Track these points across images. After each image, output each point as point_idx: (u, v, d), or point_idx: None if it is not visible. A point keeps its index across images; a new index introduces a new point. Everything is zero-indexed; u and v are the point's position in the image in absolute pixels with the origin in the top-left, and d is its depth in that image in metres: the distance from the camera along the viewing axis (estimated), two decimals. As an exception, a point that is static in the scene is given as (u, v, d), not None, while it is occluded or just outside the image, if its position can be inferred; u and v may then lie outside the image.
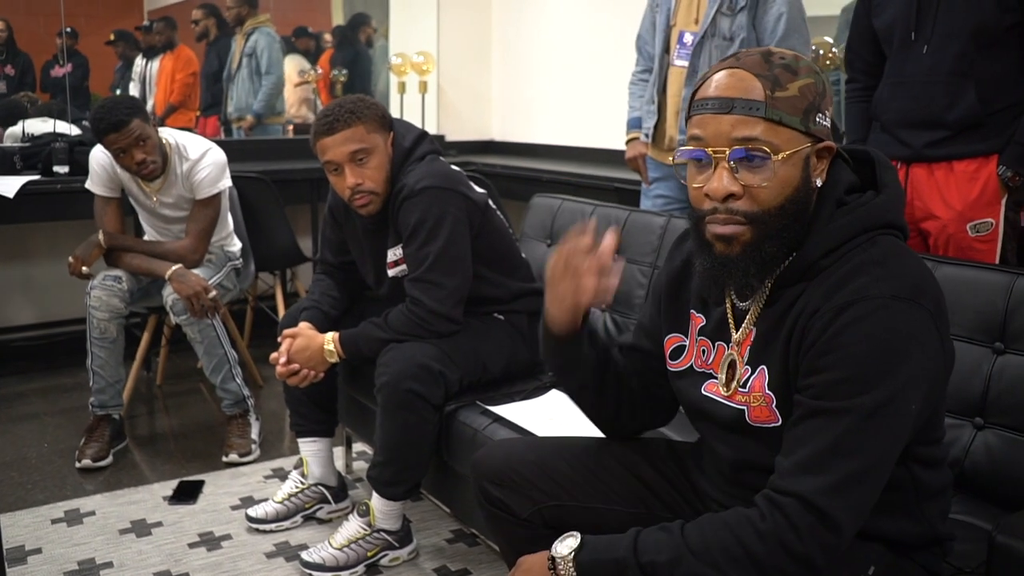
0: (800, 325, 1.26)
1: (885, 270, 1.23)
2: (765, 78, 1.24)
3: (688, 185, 1.31)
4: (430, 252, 2.22)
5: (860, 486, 1.18)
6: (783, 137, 1.24)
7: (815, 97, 1.27)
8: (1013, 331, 1.73)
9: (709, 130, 1.26)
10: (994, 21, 2.21)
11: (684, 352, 1.48)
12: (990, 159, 2.28)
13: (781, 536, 1.17)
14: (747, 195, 1.25)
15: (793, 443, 1.22)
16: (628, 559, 1.24)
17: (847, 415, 1.18)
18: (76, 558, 2.38)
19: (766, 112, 1.23)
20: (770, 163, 1.23)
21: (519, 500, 1.55)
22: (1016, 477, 1.68)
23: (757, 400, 1.32)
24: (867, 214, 1.29)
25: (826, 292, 1.24)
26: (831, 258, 1.27)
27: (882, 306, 1.19)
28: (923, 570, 1.38)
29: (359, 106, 2.24)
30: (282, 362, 2.33)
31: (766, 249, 1.26)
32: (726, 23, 2.81)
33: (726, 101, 1.25)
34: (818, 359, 1.22)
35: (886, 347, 1.18)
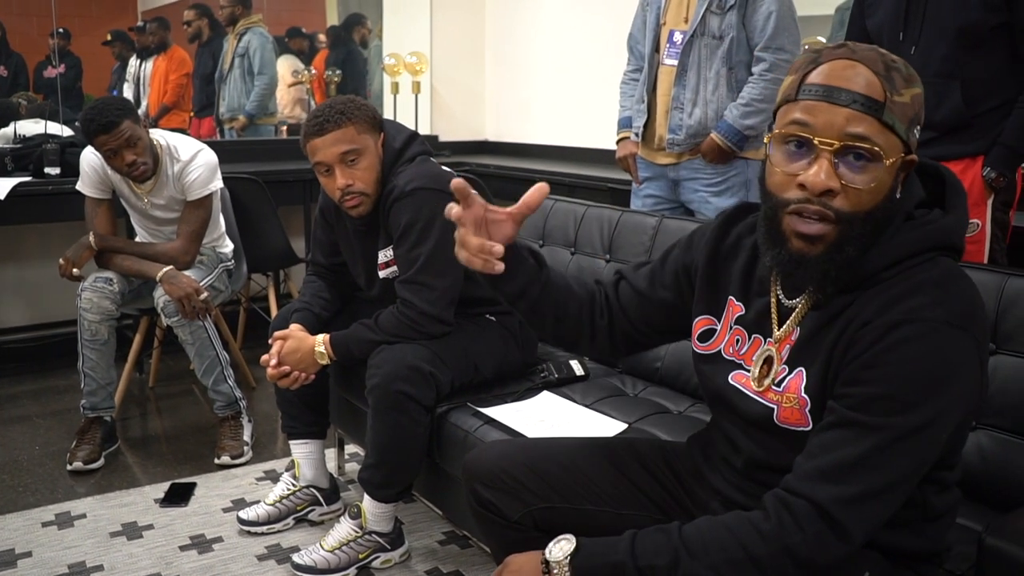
0: (848, 334, 1.23)
1: (943, 293, 1.20)
2: (883, 77, 1.20)
3: (774, 168, 1.25)
4: (421, 253, 2.21)
5: (877, 503, 1.17)
6: (890, 143, 1.20)
7: (920, 109, 1.24)
8: (1005, 332, 1.72)
9: (820, 118, 1.19)
10: (980, 21, 2.22)
11: (714, 336, 1.45)
12: (976, 160, 2.29)
13: (786, 538, 1.16)
14: (843, 194, 1.20)
15: (817, 448, 1.20)
16: (626, 563, 1.23)
17: (880, 432, 1.16)
18: (66, 561, 2.37)
19: (883, 114, 1.19)
20: (876, 166, 1.19)
21: (510, 502, 1.54)
22: (1009, 479, 1.67)
23: (790, 401, 1.30)
24: (934, 233, 1.26)
25: (881, 306, 1.21)
26: (892, 271, 1.24)
27: (935, 330, 1.17)
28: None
29: (349, 107, 2.23)
30: (273, 364, 2.32)
31: (846, 252, 1.22)
32: (715, 21, 2.81)
33: (846, 92, 1.19)
34: (861, 371, 1.19)
35: (932, 372, 1.16)
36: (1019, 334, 1.70)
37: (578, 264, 2.70)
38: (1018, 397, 1.68)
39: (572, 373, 2.39)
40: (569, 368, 2.41)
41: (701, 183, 2.90)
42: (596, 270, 2.63)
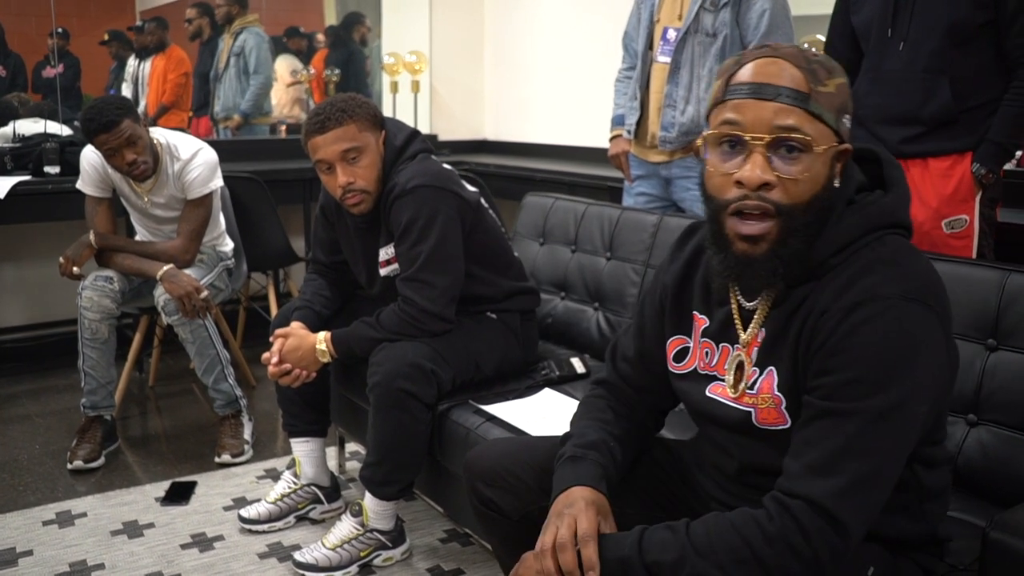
0: (809, 325, 1.24)
1: (895, 270, 1.21)
2: (806, 70, 1.22)
3: (712, 172, 1.27)
4: (422, 251, 2.21)
5: (869, 489, 1.17)
6: (819, 132, 1.22)
7: (846, 98, 1.26)
8: (1006, 328, 1.72)
9: (748, 116, 1.22)
10: (969, 18, 2.23)
11: (688, 355, 1.45)
12: (964, 156, 2.30)
13: (789, 539, 1.16)
14: (780, 186, 1.22)
15: (802, 445, 1.21)
16: (633, 558, 1.23)
17: (857, 417, 1.17)
18: (67, 560, 2.37)
19: (809, 104, 1.21)
20: (807, 156, 1.21)
21: (511, 500, 1.53)
22: (1010, 474, 1.67)
23: (765, 402, 1.31)
24: (876, 212, 1.27)
25: (836, 292, 1.22)
26: (840, 257, 1.25)
27: (892, 307, 1.18)
28: (920, 569, 1.37)
29: (350, 105, 2.23)
30: (274, 362, 2.32)
31: (791, 245, 1.23)
32: (709, 19, 2.81)
33: (770, 87, 1.22)
34: (828, 359, 1.20)
35: (897, 349, 1.17)
36: (1020, 330, 1.70)
37: (578, 262, 2.70)
38: (1019, 393, 1.69)
39: (573, 371, 2.40)
40: (570, 366, 2.41)
41: (693, 181, 2.90)
42: (596, 269, 2.63)
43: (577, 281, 2.69)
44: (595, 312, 2.61)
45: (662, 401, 1.55)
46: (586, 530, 1.27)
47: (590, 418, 1.52)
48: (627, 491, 1.53)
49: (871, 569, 1.28)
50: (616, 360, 1.59)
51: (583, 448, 1.42)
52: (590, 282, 2.64)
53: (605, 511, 1.34)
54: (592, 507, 1.32)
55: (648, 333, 1.53)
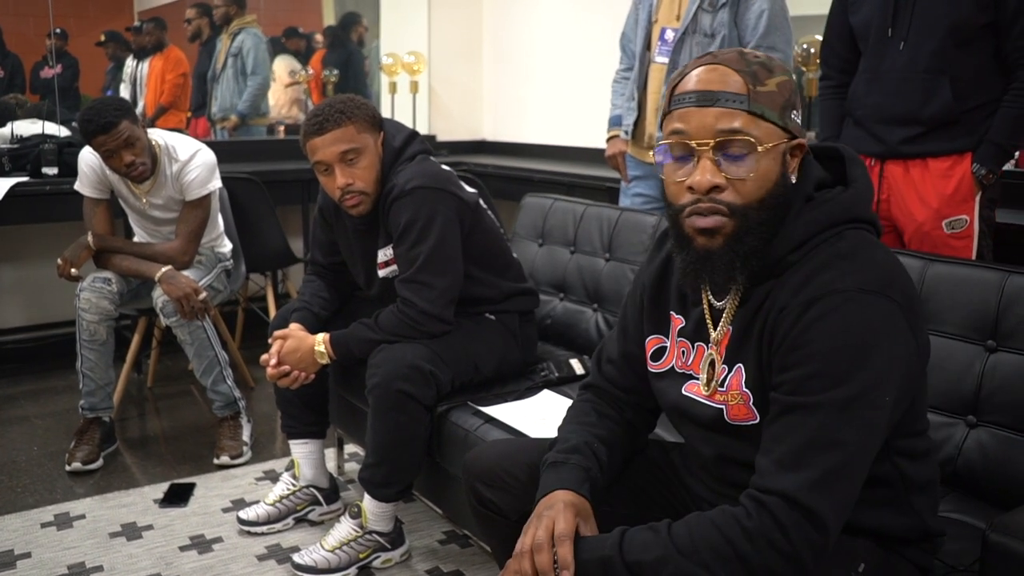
0: (770, 322, 1.26)
1: (852, 263, 1.23)
2: (745, 73, 1.26)
3: (667, 180, 1.31)
4: (420, 252, 2.21)
5: (841, 480, 1.18)
6: (764, 131, 1.25)
7: (791, 94, 1.29)
8: (1005, 329, 1.72)
9: (692, 123, 1.26)
10: (970, 19, 2.24)
11: (666, 354, 1.47)
12: (964, 156, 2.31)
13: (768, 535, 1.16)
14: (730, 187, 1.25)
15: (771, 441, 1.22)
16: (614, 557, 1.23)
17: (821, 409, 1.18)
18: (66, 562, 2.37)
19: (749, 105, 1.24)
20: (753, 155, 1.24)
21: (510, 501, 1.54)
22: (1009, 475, 1.67)
23: (735, 398, 1.33)
24: (834, 209, 1.30)
25: (794, 288, 1.25)
26: (798, 254, 1.27)
27: (849, 299, 1.20)
28: (913, 566, 1.38)
29: (349, 106, 2.23)
30: (272, 364, 2.32)
31: (747, 242, 1.26)
32: (707, 19, 2.81)
33: (710, 94, 1.25)
34: (788, 355, 1.22)
35: (855, 340, 1.19)
36: (1019, 332, 1.70)
37: (577, 263, 2.70)
38: (1019, 394, 1.69)
39: (572, 372, 2.40)
40: (569, 367, 2.41)
41: None
42: (595, 270, 2.63)
43: (576, 282, 2.69)
44: (594, 313, 2.61)
45: (649, 400, 1.55)
46: (562, 530, 1.28)
47: (575, 422, 1.53)
48: (620, 491, 1.54)
49: (862, 566, 1.29)
50: (601, 363, 1.60)
51: (565, 453, 1.44)
52: (589, 283, 2.64)
53: (586, 513, 1.35)
54: (571, 509, 1.33)
55: (631, 334, 1.55)
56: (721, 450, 1.39)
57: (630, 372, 1.56)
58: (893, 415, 1.25)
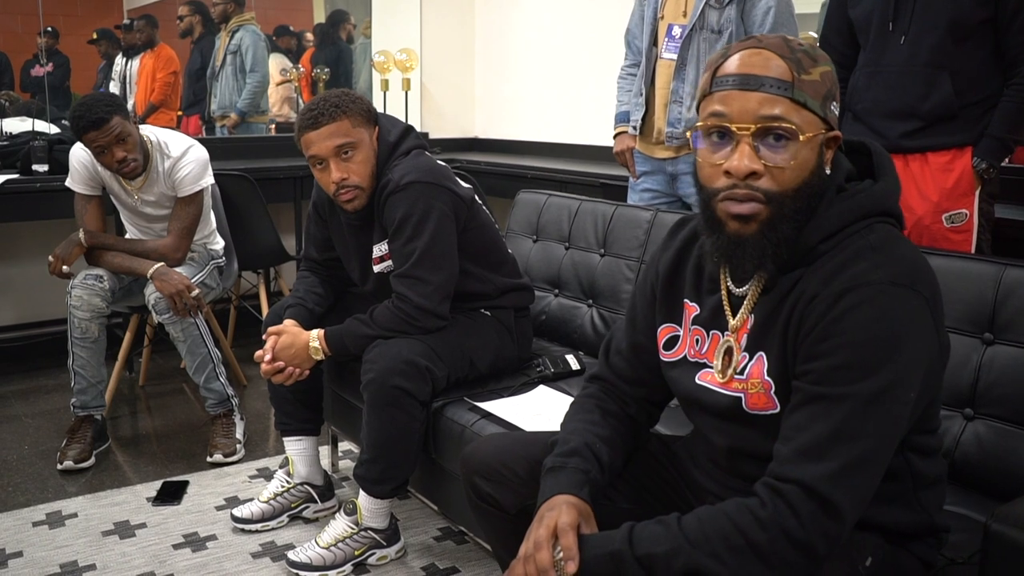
0: (799, 311, 1.25)
1: (883, 256, 1.22)
2: (790, 60, 1.24)
3: (702, 162, 1.29)
4: (416, 248, 2.20)
5: (861, 472, 1.17)
6: (805, 119, 1.24)
7: (832, 85, 1.28)
8: (1002, 322, 1.73)
9: (734, 107, 1.24)
10: (970, 14, 2.25)
11: (678, 342, 1.46)
12: (964, 151, 2.32)
13: (783, 523, 1.15)
14: (768, 174, 1.24)
15: (792, 430, 1.21)
16: (624, 552, 1.22)
17: (847, 401, 1.17)
18: (58, 561, 2.35)
19: (793, 92, 1.22)
20: (794, 143, 1.23)
21: (508, 495, 1.53)
22: (1006, 467, 1.68)
23: (755, 387, 1.31)
24: (866, 200, 1.29)
25: (824, 278, 1.23)
26: (829, 243, 1.26)
27: (881, 292, 1.19)
28: (919, 561, 1.37)
29: (344, 100, 2.22)
30: (267, 360, 2.30)
31: (781, 230, 1.25)
32: (714, 16, 2.81)
33: (754, 78, 1.23)
34: (817, 345, 1.21)
35: (886, 333, 1.18)
36: (1016, 324, 1.71)
37: (572, 259, 2.69)
38: (1016, 387, 1.69)
39: (568, 367, 2.39)
40: (565, 362, 2.40)
41: None
42: (590, 265, 2.62)
43: (571, 278, 2.68)
44: (589, 309, 2.61)
45: (655, 393, 1.54)
46: (565, 522, 1.28)
47: (577, 420, 1.52)
48: (622, 486, 1.53)
49: (869, 559, 1.28)
50: (610, 355, 1.59)
51: (564, 457, 1.43)
52: (584, 279, 2.64)
53: (586, 515, 1.34)
54: (573, 508, 1.32)
55: (640, 324, 1.53)
56: (734, 441, 1.37)
57: (638, 363, 1.55)
58: (915, 411, 1.24)
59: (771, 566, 1.16)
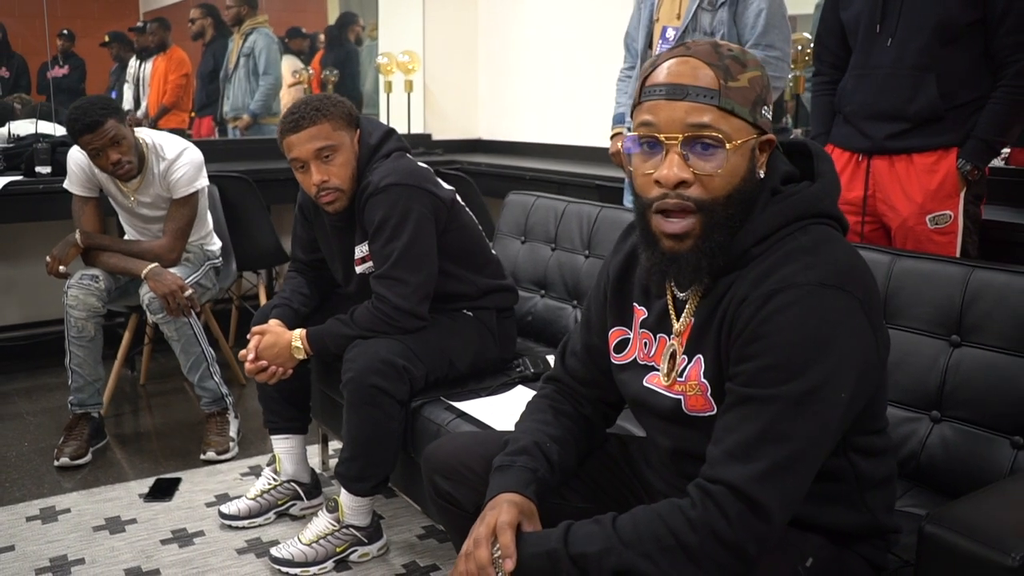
0: (730, 313, 1.26)
1: (814, 258, 1.23)
2: (717, 67, 1.24)
3: (635, 172, 1.30)
4: (395, 249, 2.22)
5: (789, 473, 1.18)
6: (734, 126, 1.24)
7: (762, 90, 1.28)
8: (969, 324, 1.73)
9: (662, 116, 1.24)
10: (957, 16, 2.24)
11: (628, 345, 1.48)
12: (949, 152, 2.31)
13: (712, 524, 1.16)
14: (698, 182, 1.24)
15: (723, 431, 1.22)
16: (559, 550, 1.24)
17: (774, 402, 1.18)
18: (48, 555, 2.40)
19: (720, 101, 1.23)
20: (722, 151, 1.23)
21: (466, 493, 1.55)
22: (971, 470, 1.68)
23: (693, 389, 1.33)
24: (798, 203, 1.29)
25: (755, 280, 1.24)
26: (762, 246, 1.27)
27: (809, 293, 1.19)
28: (866, 562, 1.38)
29: (325, 104, 2.25)
30: (250, 359, 2.34)
31: (714, 239, 1.26)
32: (707, 18, 2.82)
33: (681, 88, 1.24)
34: (746, 347, 1.22)
35: (813, 334, 1.18)
36: (983, 327, 1.71)
37: (558, 260, 2.71)
38: (981, 390, 1.69)
39: (549, 367, 2.40)
40: (546, 363, 2.42)
41: None
42: (575, 266, 2.64)
43: (556, 279, 2.70)
44: (574, 310, 2.62)
45: (609, 394, 1.56)
46: (503, 520, 1.30)
47: (529, 420, 1.54)
48: (578, 485, 1.55)
49: (810, 560, 1.29)
50: (565, 356, 1.61)
51: (513, 456, 1.45)
52: (569, 280, 2.65)
53: (530, 512, 1.36)
54: (514, 507, 1.34)
55: (594, 327, 1.55)
56: (678, 442, 1.39)
57: (592, 365, 1.56)
58: (850, 411, 1.24)
59: (702, 567, 1.17)
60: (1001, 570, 1.08)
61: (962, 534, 1.14)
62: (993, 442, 1.67)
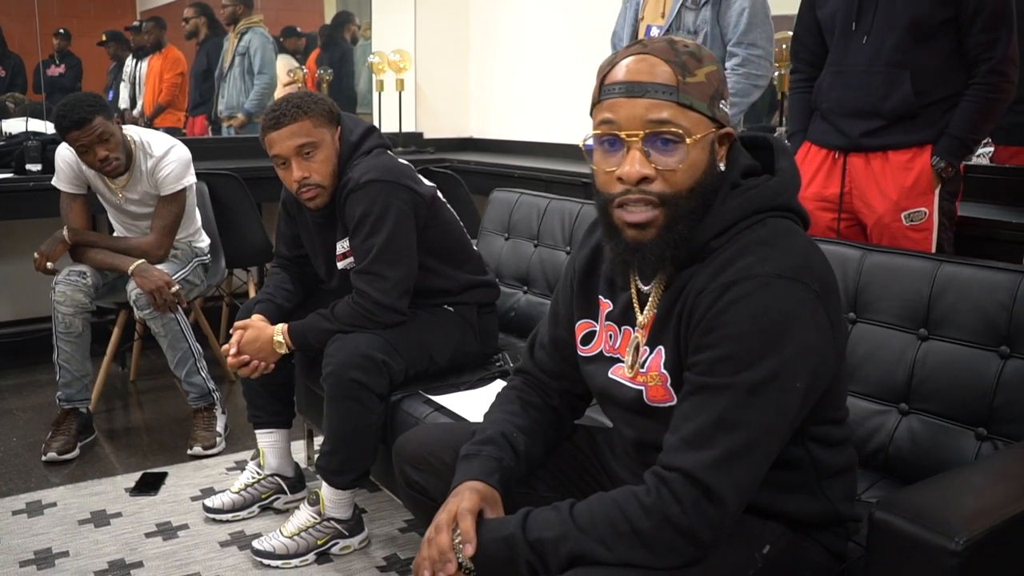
0: (689, 304, 1.28)
1: (771, 250, 1.25)
2: (674, 63, 1.26)
3: (597, 169, 1.32)
4: (374, 244, 2.25)
5: (744, 461, 1.20)
6: (693, 121, 1.26)
7: (719, 84, 1.30)
8: (937, 318, 1.75)
9: (622, 114, 1.26)
10: (930, 15, 2.26)
11: (594, 338, 1.50)
12: (924, 149, 2.33)
13: (666, 510, 1.19)
14: (660, 177, 1.26)
15: (680, 420, 1.25)
16: (517, 536, 1.26)
17: (729, 391, 1.20)
18: (32, 548, 2.42)
19: (679, 96, 1.25)
20: (683, 146, 1.25)
21: (436, 483, 1.57)
22: (938, 461, 1.70)
23: (654, 380, 1.35)
24: (757, 196, 1.31)
25: (713, 272, 1.26)
26: (722, 239, 1.29)
27: (765, 284, 1.21)
28: (825, 550, 1.40)
29: (306, 101, 2.27)
30: (232, 353, 2.36)
31: (677, 231, 1.28)
32: (690, 17, 2.85)
33: (639, 85, 1.26)
34: (704, 337, 1.24)
35: (768, 325, 1.20)
36: (949, 321, 1.73)
37: (540, 256, 2.73)
38: (946, 382, 1.72)
39: (528, 363, 2.42)
40: (526, 358, 2.43)
41: None
42: (557, 263, 2.66)
43: (539, 275, 2.73)
44: (555, 306, 2.64)
45: (577, 385, 1.58)
46: (464, 507, 1.33)
47: (498, 411, 1.57)
48: (545, 475, 1.57)
49: (767, 547, 1.31)
50: (534, 349, 1.64)
51: (479, 445, 1.47)
52: (551, 276, 2.68)
53: (492, 500, 1.39)
54: (476, 493, 1.36)
55: (561, 320, 1.57)
56: (641, 433, 1.41)
57: (559, 358, 1.59)
58: (807, 401, 1.26)
59: (655, 552, 1.19)
60: (945, 553, 1.11)
61: (909, 519, 1.16)
62: (958, 433, 1.69)
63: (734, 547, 1.28)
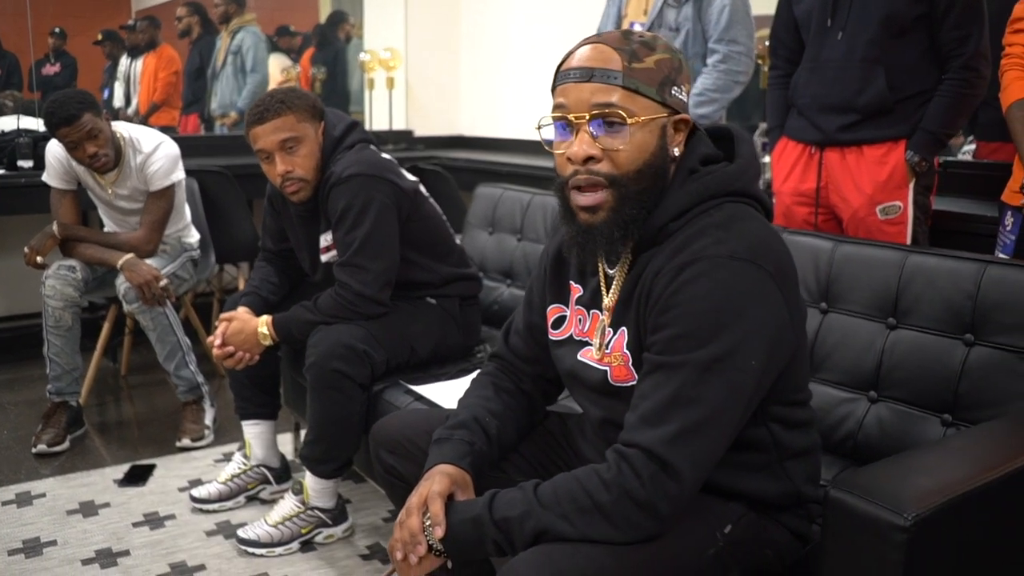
0: (647, 286, 1.33)
1: (726, 232, 1.29)
2: (623, 51, 1.32)
3: (555, 153, 1.38)
4: (356, 237, 2.28)
5: (699, 436, 1.24)
6: (639, 105, 1.31)
7: (671, 71, 1.34)
8: (904, 307, 1.78)
9: (571, 98, 1.33)
10: (904, 10, 2.29)
11: (565, 322, 1.54)
12: (898, 144, 2.36)
13: (626, 484, 1.22)
14: (606, 158, 1.32)
15: (639, 398, 1.29)
16: (483, 516, 1.30)
17: (684, 368, 1.24)
18: (21, 537, 2.45)
19: (623, 80, 1.30)
20: (626, 128, 1.30)
21: (411, 468, 1.61)
22: (905, 447, 1.72)
23: (617, 360, 1.39)
24: (713, 181, 1.36)
25: (669, 254, 1.31)
26: (679, 222, 1.34)
27: (719, 265, 1.26)
28: (787, 531, 1.44)
29: (289, 96, 2.30)
30: (217, 344, 2.39)
31: (627, 212, 1.33)
32: (672, 14, 2.89)
33: (586, 71, 1.32)
34: (660, 316, 1.29)
35: (722, 303, 1.25)
36: (916, 309, 1.76)
37: (523, 250, 2.76)
38: (915, 370, 1.74)
39: (509, 354, 2.46)
40: (507, 349, 2.47)
41: None
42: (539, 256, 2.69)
43: (522, 269, 2.76)
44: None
45: (549, 370, 1.62)
46: (434, 491, 1.36)
47: (472, 396, 1.61)
48: (518, 460, 1.61)
49: (728, 527, 1.34)
50: (509, 334, 1.67)
51: (451, 429, 1.51)
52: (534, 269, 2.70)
53: (463, 483, 1.42)
54: (447, 477, 1.40)
55: (535, 306, 1.61)
56: (607, 413, 1.45)
57: (533, 343, 1.63)
58: (763, 380, 1.30)
59: (616, 525, 1.23)
60: (894, 529, 1.14)
61: (861, 497, 1.19)
62: (924, 420, 1.72)
63: (695, 525, 1.31)
